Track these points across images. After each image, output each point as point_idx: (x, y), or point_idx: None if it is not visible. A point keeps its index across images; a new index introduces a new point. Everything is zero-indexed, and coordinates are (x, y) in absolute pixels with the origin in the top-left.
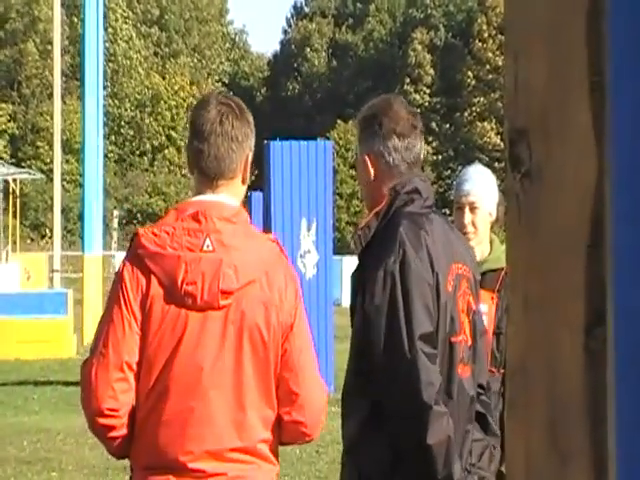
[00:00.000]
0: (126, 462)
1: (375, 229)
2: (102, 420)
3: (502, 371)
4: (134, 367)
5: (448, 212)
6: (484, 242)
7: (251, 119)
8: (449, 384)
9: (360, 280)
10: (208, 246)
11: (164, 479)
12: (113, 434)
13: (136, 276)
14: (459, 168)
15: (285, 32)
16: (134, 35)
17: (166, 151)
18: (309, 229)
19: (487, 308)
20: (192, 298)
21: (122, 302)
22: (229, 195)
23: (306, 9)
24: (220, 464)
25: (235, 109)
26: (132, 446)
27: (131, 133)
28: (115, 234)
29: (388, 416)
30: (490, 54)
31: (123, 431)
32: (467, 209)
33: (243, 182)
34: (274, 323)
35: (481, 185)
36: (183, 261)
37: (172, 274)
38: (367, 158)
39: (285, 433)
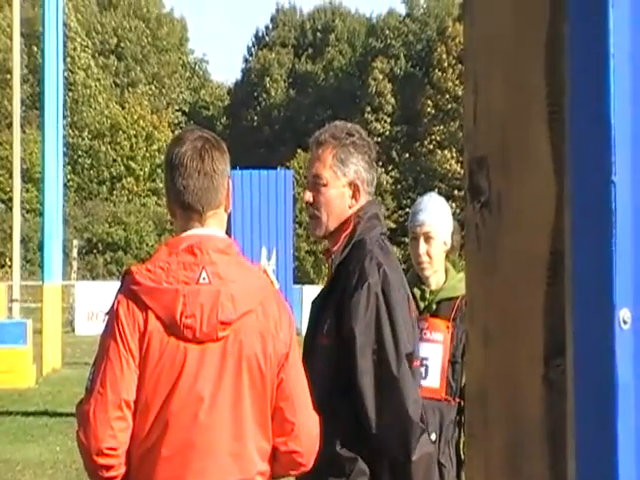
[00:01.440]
0: None
1: (341, 254)
2: (101, 460)
3: (457, 400)
4: (132, 405)
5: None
6: (439, 271)
7: (225, 147)
8: None
9: (334, 303)
10: (204, 278)
11: None
12: (111, 474)
13: (132, 312)
14: (419, 197)
15: (246, 61)
16: (92, 64)
17: (125, 181)
18: (269, 258)
19: (442, 337)
20: (191, 331)
21: (119, 339)
22: (217, 227)
23: (267, 38)
24: None
25: (211, 140)
26: None
27: (89, 162)
28: (75, 264)
29: (372, 434)
30: (450, 83)
31: (121, 470)
32: (422, 239)
33: (226, 210)
34: (270, 353)
35: (435, 215)
36: (181, 294)
37: (170, 308)
38: (359, 184)
39: (280, 464)
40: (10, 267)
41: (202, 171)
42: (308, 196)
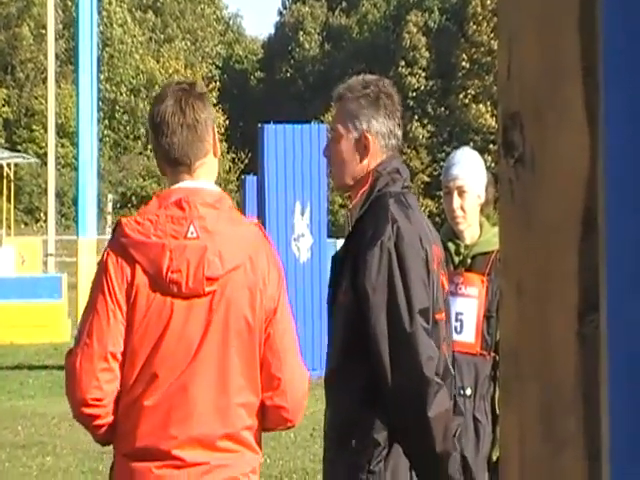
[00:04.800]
0: None
1: (361, 210)
2: (87, 410)
3: (492, 354)
4: (119, 357)
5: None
6: (474, 225)
7: (206, 94)
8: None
9: (351, 260)
10: (192, 233)
11: (144, 466)
12: (98, 422)
13: (120, 265)
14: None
15: (281, 15)
16: (129, 20)
17: None
18: (303, 212)
19: (477, 291)
20: (177, 286)
21: (106, 292)
22: (208, 178)
23: None
24: (203, 452)
25: (191, 90)
26: (115, 433)
27: (125, 118)
28: (109, 218)
29: (387, 391)
30: (485, 37)
31: (108, 419)
32: (455, 193)
33: (215, 155)
34: (258, 307)
35: (469, 168)
36: (168, 249)
37: (157, 262)
38: (368, 136)
39: (267, 418)
40: (45, 222)
41: (185, 124)
42: (326, 150)
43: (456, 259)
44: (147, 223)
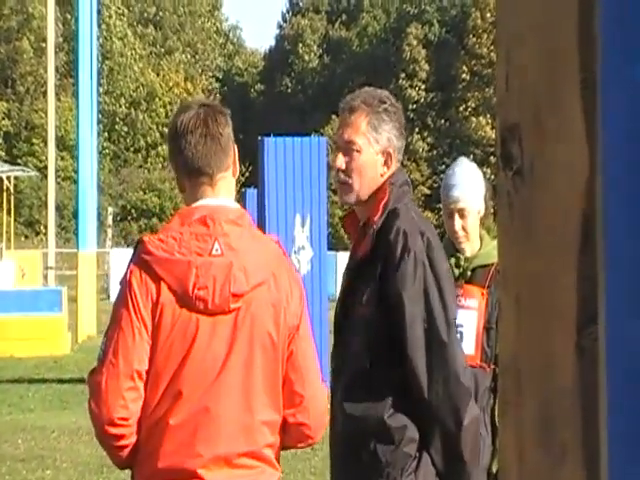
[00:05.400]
0: None
1: (378, 223)
2: (112, 429)
3: (492, 366)
4: (144, 376)
5: None
6: (474, 240)
7: (227, 111)
8: None
9: (376, 273)
10: (217, 250)
11: None
12: (122, 443)
13: (145, 282)
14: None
15: (280, 27)
16: (129, 33)
17: (160, 148)
18: (303, 225)
19: (477, 304)
20: (204, 303)
21: (131, 309)
22: (227, 195)
23: (301, 4)
24: (227, 471)
25: (213, 106)
26: (136, 456)
27: (125, 130)
28: (109, 231)
29: (423, 401)
30: (485, 49)
31: (132, 439)
32: (457, 216)
33: (234, 174)
34: (282, 324)
35: (469, 189)
36: (194, 266)
37: (183, 279)
38: (390, 151)
39: (288, 435)
40: (45, 235)
41: (209, 135)
42: (340, 162)
43: (456, 271)
44: (171, 240)
